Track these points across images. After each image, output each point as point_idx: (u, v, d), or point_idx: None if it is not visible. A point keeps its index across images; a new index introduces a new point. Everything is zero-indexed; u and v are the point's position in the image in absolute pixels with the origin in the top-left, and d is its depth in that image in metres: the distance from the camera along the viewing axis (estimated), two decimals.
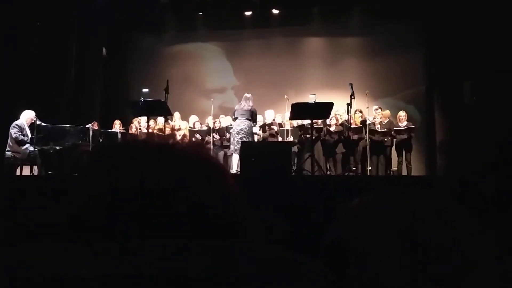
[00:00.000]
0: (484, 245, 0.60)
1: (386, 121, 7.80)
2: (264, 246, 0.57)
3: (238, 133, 7.09)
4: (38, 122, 6.36)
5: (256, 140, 8.06)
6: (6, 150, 6.20)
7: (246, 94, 7.33)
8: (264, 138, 8.02)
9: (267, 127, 8.13)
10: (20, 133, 6.24)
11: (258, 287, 0.50)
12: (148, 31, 10.57)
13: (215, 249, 0.53)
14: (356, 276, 0.74)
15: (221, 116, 8.88)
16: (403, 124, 7.68)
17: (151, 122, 8.12)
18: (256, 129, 8.23)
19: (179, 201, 0.54)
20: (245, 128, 7.09)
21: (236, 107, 7.36)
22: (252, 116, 7.19)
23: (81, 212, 0.56)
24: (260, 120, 8.51)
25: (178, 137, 7.68)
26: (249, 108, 7.15)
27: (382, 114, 7.89)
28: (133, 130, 8.33)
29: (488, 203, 0.57)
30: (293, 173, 6.07)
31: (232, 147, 7.29)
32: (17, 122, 6.33)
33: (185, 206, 0.54)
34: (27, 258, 0.53)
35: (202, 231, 0.54)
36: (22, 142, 6.24)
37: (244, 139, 6.97)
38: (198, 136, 8.29)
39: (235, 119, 7.26)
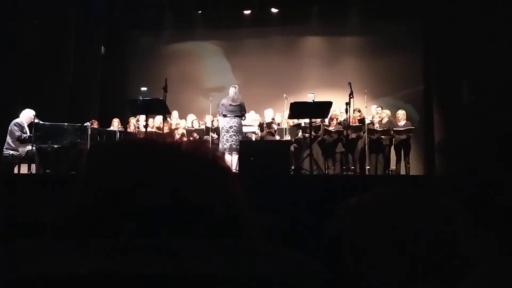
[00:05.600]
0: (482, 245, 0.60)
1: (385, 120, 7.80)
2: (264, 246, 0.57)
3: (227, 131, 6.95)
4: (36, 121, 6.33)
5: (254, 139, 8.05)
6: (4, 148, 6.18)
7: (232, 87, 7.08)
8: (262, 137, 8.00)
9: (265, 126, 8.11)
10: (21, 132, 6.23)
11: (258, 287, 0.50)
12: (146, 29, 10.54)
13: (215, 248, 0.53)
14: (354, 275, 0.74)
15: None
16: (402, 123, 7.68)
17: (150, 120, 8.10)
18: (255, 129, 8.22)
19: (182, 201, 0.54)
20: (235, 126, 6.95)
21: (224, 101, 7.08)
22: (241, 111, 6.99)
23: (81, 211, 0.56)
24: (259, 119, 8.50)
25: (177, 136, 7.67)
26: (238, 103, 6.96)
27: (382, 113, 7.89)
28: (131, 128, 8.31)
29: (487, 202, 0.57)
30: (292, 172, 6.06)
31: (221, 145, 7.02)
32: (17, 120, 6.30)
33: (188, 206, 0.54)
34: (25, 256, 0.53)
35: (204, 231, 0.54)
36: (25, 141, 6.21)
37: (234, 137, 6.88)
38: (195, 135, 8.26)
39: (223, 115, 7.04)
